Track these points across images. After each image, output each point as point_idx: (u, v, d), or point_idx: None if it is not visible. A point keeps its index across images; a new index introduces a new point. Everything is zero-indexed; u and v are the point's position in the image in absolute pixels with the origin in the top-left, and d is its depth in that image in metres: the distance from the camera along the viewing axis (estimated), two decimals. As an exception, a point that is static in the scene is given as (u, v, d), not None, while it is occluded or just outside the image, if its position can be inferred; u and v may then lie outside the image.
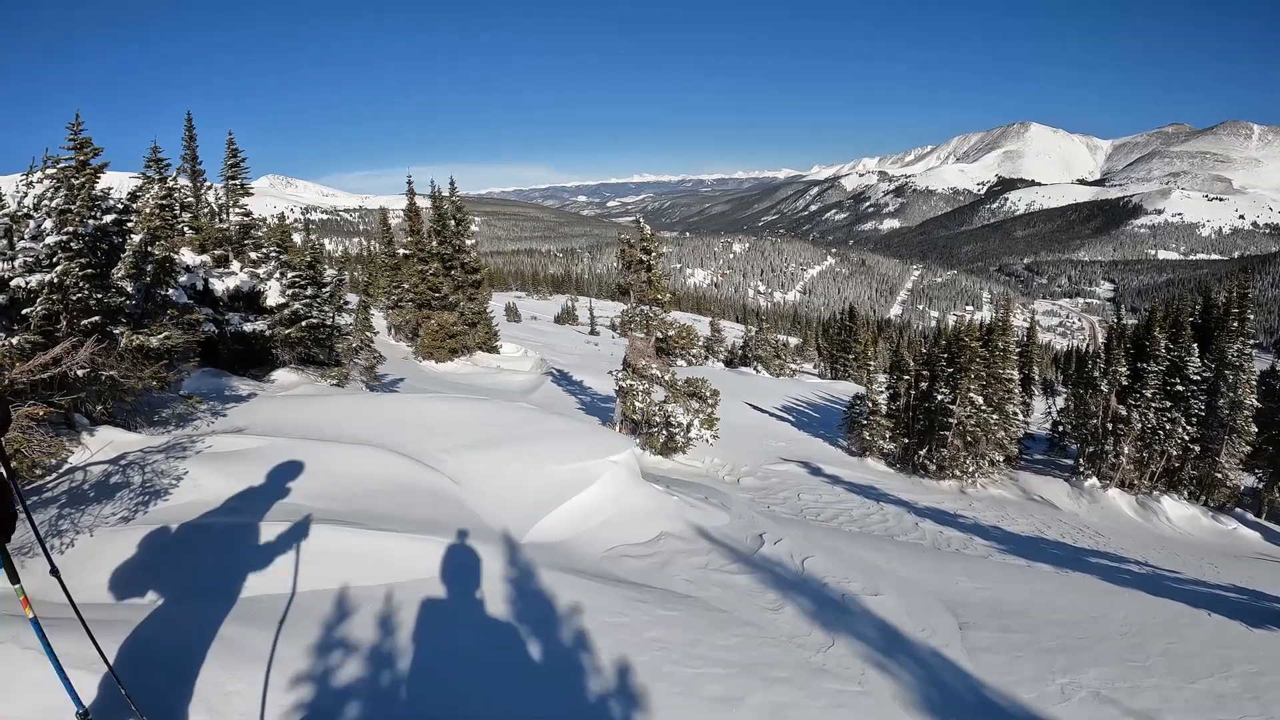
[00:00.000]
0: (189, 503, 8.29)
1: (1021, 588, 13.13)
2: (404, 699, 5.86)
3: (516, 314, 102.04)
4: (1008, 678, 8.52)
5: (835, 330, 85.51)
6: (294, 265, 18.96)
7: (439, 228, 36.57)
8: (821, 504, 21.46)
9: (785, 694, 7.04)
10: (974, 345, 30.22)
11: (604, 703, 6.34)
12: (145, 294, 11.94)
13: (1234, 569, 20.39)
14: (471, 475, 10.69)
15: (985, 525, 22.24)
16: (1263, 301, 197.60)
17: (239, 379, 15.45)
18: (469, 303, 36.96)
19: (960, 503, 26.09)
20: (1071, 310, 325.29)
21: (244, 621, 6.19)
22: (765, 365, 70.63)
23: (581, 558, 9.73)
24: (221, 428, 11.22)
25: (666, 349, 23.40)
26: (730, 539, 12.23)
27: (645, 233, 22.84)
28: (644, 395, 22.51)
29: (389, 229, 44.09)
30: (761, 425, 35.48)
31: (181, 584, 6.70)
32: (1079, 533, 23.68)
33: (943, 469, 29.98)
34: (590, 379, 38.02)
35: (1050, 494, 29.98)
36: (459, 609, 7.33)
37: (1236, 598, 15.75)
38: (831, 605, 9.94)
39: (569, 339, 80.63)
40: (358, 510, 8.62)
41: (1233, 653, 10.42)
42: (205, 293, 16.96)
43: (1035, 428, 43.24)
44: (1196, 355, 29.88)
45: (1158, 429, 29.65)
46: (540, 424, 13.82)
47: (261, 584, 6.91)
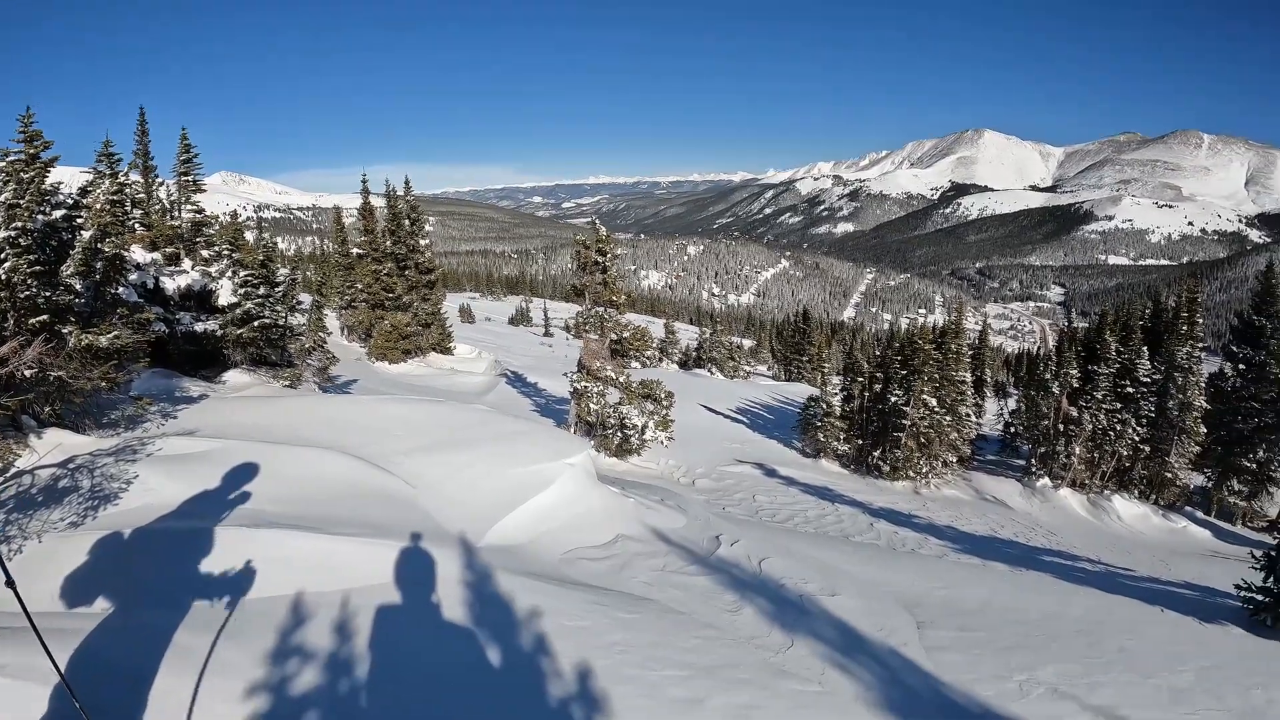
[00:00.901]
0: (140, 507, 8.16)
1: (978, 587, 13.26)
2: (363, 707, 5.80)
3: (471, 315, 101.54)
4: (967, 676, 8.60)
5: (789, 332, 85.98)
6: (246, 264, 18.73)
7: (393, 227, 36.28)
8: (777, 505, 21.59)
9: (747, 695, 7.05)
10: (927, 348, 30.51)
11: (566, 707, 6.31)
12: (95, 292, 11.73)
13: (1185, 566, 20.75)
14: (427, 478, 10.62)
15: (940, 525, 22.48)
16: (1211, 306, 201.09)
17: (190, 380, 15.23)
18: (423, 303, 36.70)
19: (915, 503, 26.32)
20: (1023, 314, 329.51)
21: (197, 629, 6.10)
22: (719, 367, 70.81)
23: (539, 561, 9.71)
24: (172, 430, 11.03)
25: (621, 351, 23.39)
26: (688, 541, 12.28)
27: (601, 234, 22.85)
28: (599, 397, 22.50)
29: (343, 228, 43.64)
30: (716, 427, 35.58)
31: (133, 591, 6.58)
32: (1032, 532, 24.01)
33: (897, 470, 30.22)
34: (545, 381, 37.96)
35: (1003, 494, 30.33)
36: (417, 614, 7.26)
37: (1189, 594, 16.05)
38: (790, 606, 9.99)
39: (523, 340, 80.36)
40: (312, 514, 8.52)
41: (1187, 648, 10.65)
42: (156, 291, 16.70)
43: (988, 429, 43.73)
44: (1146, 358, 30.39)
45: (1108, 430, 30.09)
46: (495, 426, 13.75)
47: (215, 590, 6.80)
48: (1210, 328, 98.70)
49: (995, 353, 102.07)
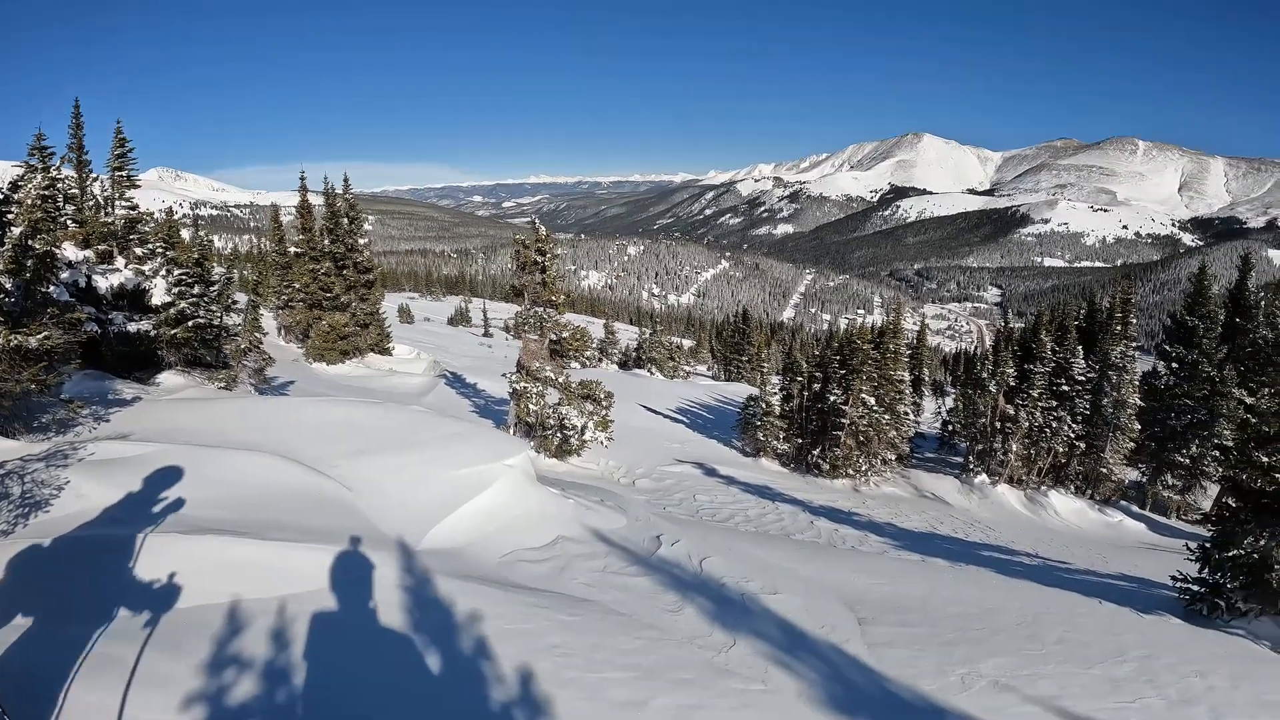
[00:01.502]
0: (71, 514, 8.02)
1: (918, 583, 13.42)
2: (301, 716, 5.76)
3: (410, 315, 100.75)
4: (909, 670, 8.71)
5: (729, 333, 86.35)
6: (181, 262, 18.46)
7: (331, 226, 35.87)
8: (717, 504, 21.70)
9: (690, 696, 7.10)
10: (866, 347, 30.85)
11: (507, 712, 6.30)
12: (24, 291, 11.49)
13: (1122, 559, 21.21)
14: (365, 481, 10.53)
15: (879, 522, 22.75)
16: (1144, 307, 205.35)
17: (123, 382, 14.97)
18: (361, 303, 36.37)
19: (854, 501, 26.60)
20: (960, 314, 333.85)
21: (128, 640, 6.00)
22: (659, 367, 70.96)
23: (479, 563, 9.66)
24: (105, 434, 10.83)
25: (560, 351, 23.38)
26: (628, 541, 12.29)
27: (540, 234, 22.79)
28: (538, 397, 22.46)
29: (280, 226, 43.10)
30: (656, 427, 35.69)
31: (63, 602, 6.45)
32: (971, 528, 24.40)
33: (836, 468, 30.52)
34: (484, 381, 37.82)
35: (942, 491, 30.76)
36: (356, 620, 7.21)
37: (1126, 586, 16.38)
38: (731, 605, 10.05)
39: (463, 341, 79.82)
40: (248, 519, 8.41)
41: (1126, 638, 10.82)
42: (88, 290, 16.40)
43: (926, 427, 44.35)
44: (1081, 357, 31.07)
45: (1045, 427, 30.66)
46: (434, 428, 13.67)
47: (148, 599, 6.68)
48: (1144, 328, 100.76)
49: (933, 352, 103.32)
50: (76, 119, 19.81)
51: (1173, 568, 15.28)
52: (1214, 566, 14.00)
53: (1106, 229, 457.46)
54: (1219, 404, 29.96)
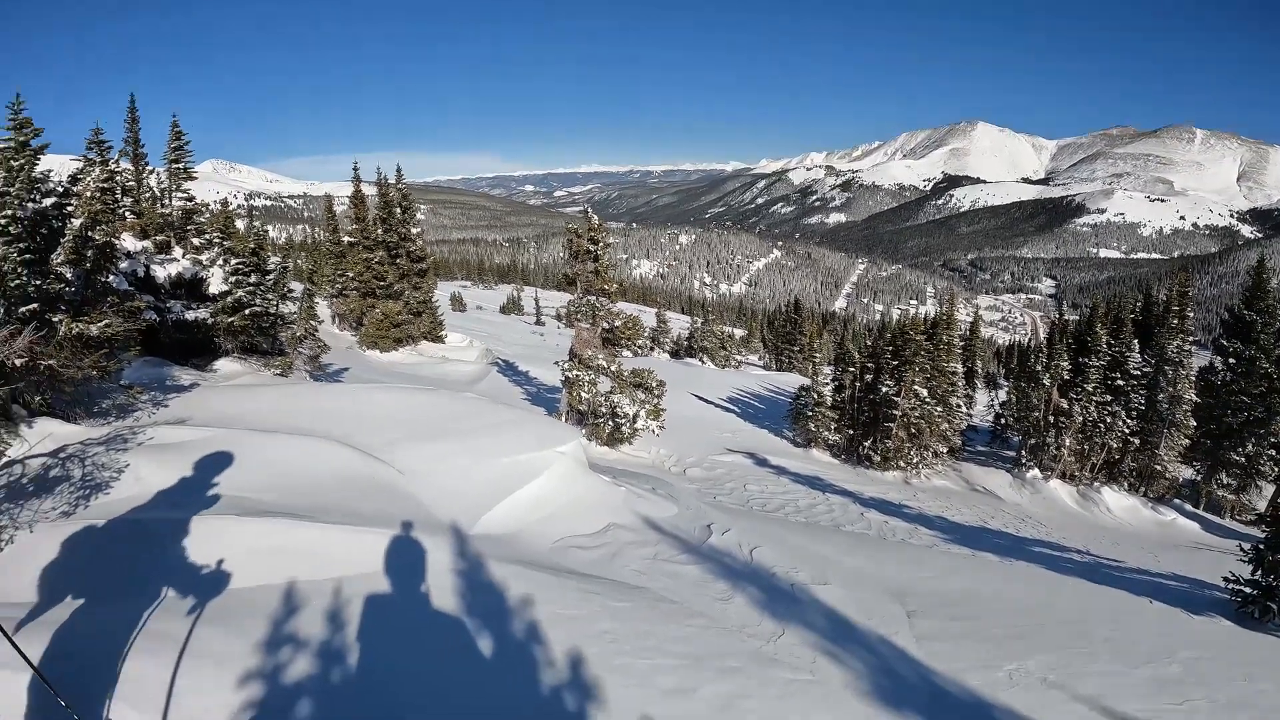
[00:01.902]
0: (131, 496, 8.14)
1: (967, 577, 13.28)
2: (355, 695, 5.81)
3: (462, 303, 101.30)
4: (956, 664, 8.62)
5: (780, 322, 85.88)
6: (237, 252, 18.66)
7: (385, 215, 36.07)
8: (768, 494, 21.57)
9: (737, 684, 7.08)
10: (919, 338, 30.53)
11: (557, 696, 6.33)
12: (85, 280, 11.69)
13: (1174, 558, 20.81)
14: (418, 466, 10.61)
15: (930, 515, 22.48)
16: (1201, 300, 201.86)
17: (181, 368, 15.19)
18: (414, 292, 36.56)
19: (905, 493, 26.34)
20: (1014, 305, 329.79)
21: (186, 618, 6.10)
22: (710, 356, 70.72)
23: (531, 549, 9.70)
24: (163, 419, 10.99)
25: (613, 339, 23.38)
26: (679, 530, 12.27)
27: (593, 223, 22.79)
28: (590, 386, 22.49)
29: (334, 216, 43.36)
30: (707, 416, 35.59)
31: (124, 579, 6.57)
32: (1021, 523, 24.05)
33: (887, 460, 30.27)
34: (536, 369, 37.91)
35: (993, 485, 30.38)
36: (409, 602, 7.26)
37: (1177, 586, 16.11)
38: (781, 595, 10.00)
39: (515, 329, 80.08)
40: (304, 503, 8.51)
41: (1175, 639, 10.66)
42: (146, 279, 16.65)
43: (978, 420, 43.83)
44: (1137, 351, 30.45)
45: (1098, 422, 30.17)
46: (487, 415, 13.74)
47: (205, 579, 6.79)
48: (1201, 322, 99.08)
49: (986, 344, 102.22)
50: (132, 114, 20.13)
51: (1225, 568, 15.02)
52: (1267, 569, 13.75)
53: (1163, 219, 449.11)
54: (1276, 402, 29.31)
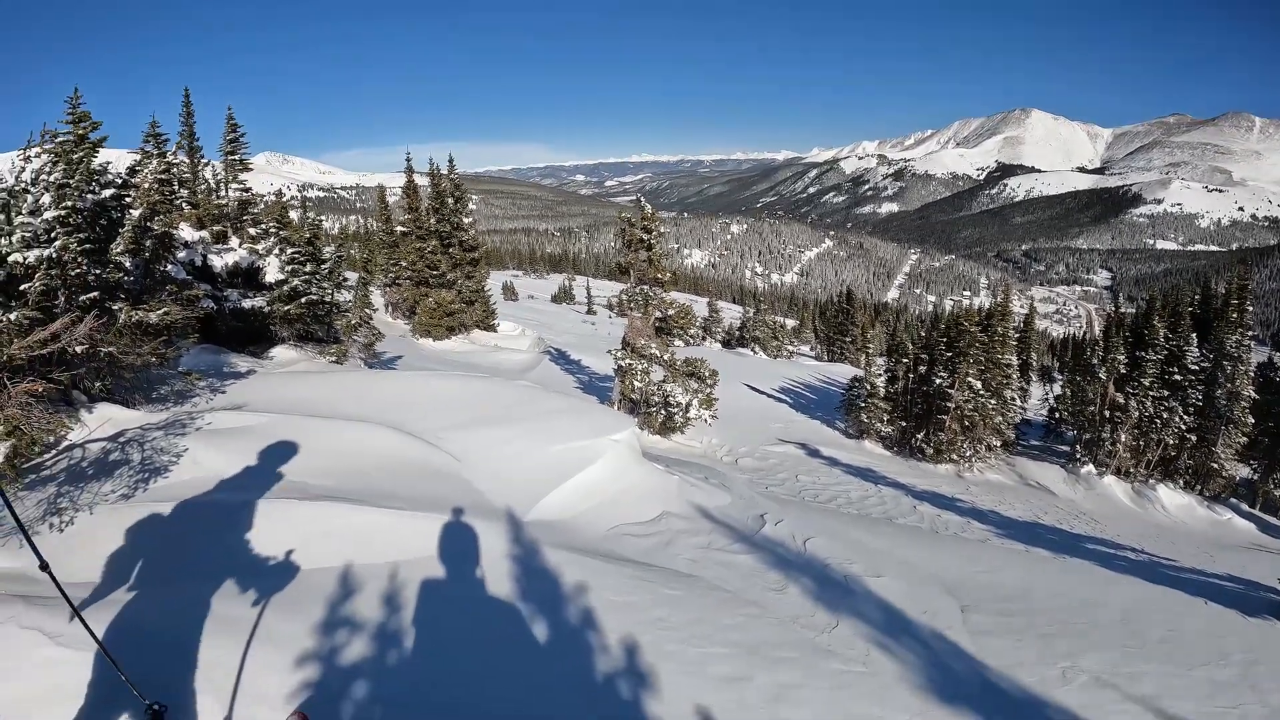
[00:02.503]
0: (189, 480, 8.25)
1: (1020, 572, 13.15)
2: (410, 678, 5.84)
3: (514, 293, 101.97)
4: (1009, 660, 8.55)
5: (832, 313, 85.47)
6: (293, 242, 18.85)
7: (437, 205, 36.31)
8: (820, 485, 21.52)
9: (790, 674, 7.07)
10: (973, 330, 30.23)
11: (611, 682, 6.34)
12: (144, 269, 11.83)
13: (1229, 559, 20.47)
14: (473, 453, 10.66)
15: (983, 509, 22.32)
16: (1261, 294, 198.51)
17: (237, 355, 15.40)
18: (466, 281, 36.79)
19: (957, 487, 26.16)
20: (1069, 298, 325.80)
21: (243, 600, 6.17)
22: (763, 346, 70.61)
23: (584, 536, 9.73)
24: (220, 404, 11.13)
25: (665, 329, 23.39)
26: (731, 519, 12.24)
27: (646, 212, 22.77)
28: (643, 375, 22.52)
29: (387, 206, 43.78)
30: (759, 406, 35.51)
31: (183, 562, 6.67)
32: (1075, 519, 23.79)
33: (940, 453, 30.04)
34: (588, 358, 38.08)
35: (1047, 480, 30.04)
36: (464, 587, 7.31)
37: (1232, 587, 15.84)
38: (834, 586, 9.96)
39: (566, 318, 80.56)
40: (359, 487, 8.58)
41: (1229, 641, 10.48)
42: (204, 269, 16.85)
43: (1032, 414, 43.35)
44: (1195, 345, 29.95)
45: (1155, 418, 29.72)
46: (540, 403, 13.78)
47: (263, 562, 6.87)
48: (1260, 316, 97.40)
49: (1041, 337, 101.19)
50: (187, 107, 20.41)
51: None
52: (1323, 571, 13.51)
53: (1221, 210, 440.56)
54: (1338, 400, 28.72)
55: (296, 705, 5.24)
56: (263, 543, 7.11)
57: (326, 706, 5.33)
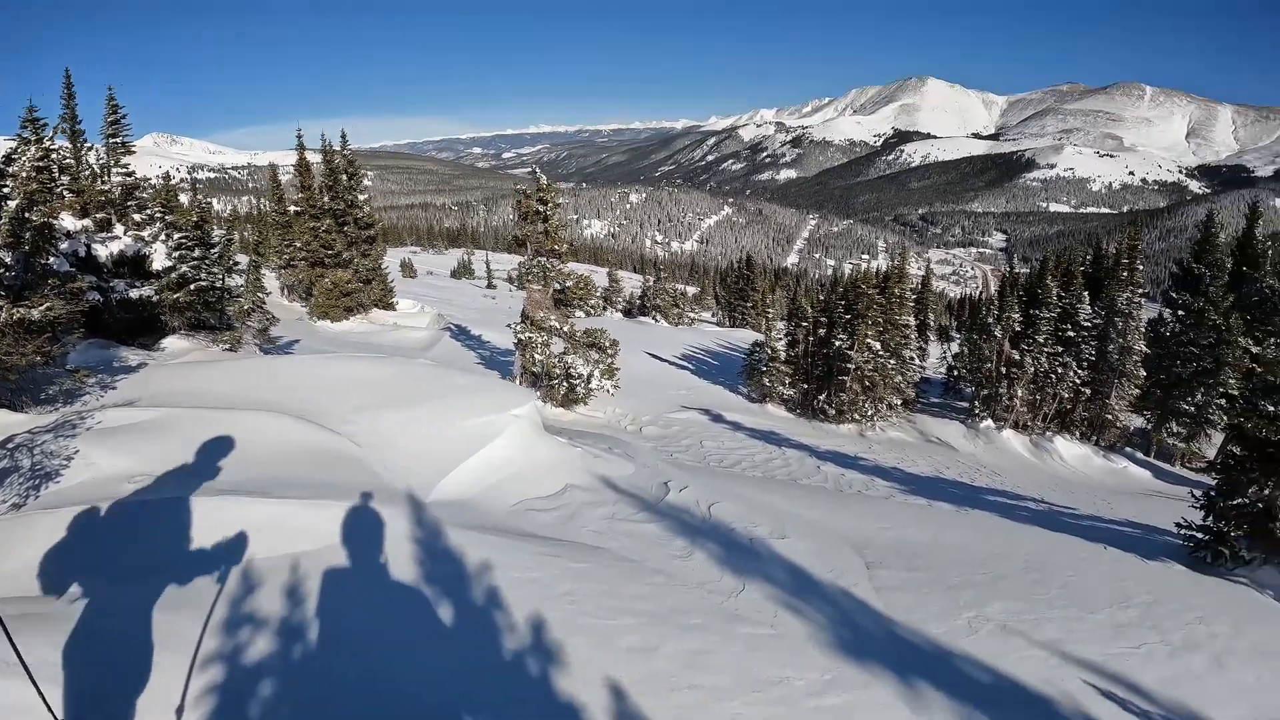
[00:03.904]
0: (82, 483, 8.04)
1: (924, 527, 13.50)
2: (317, 671, 5.81)
3: (412, 270, 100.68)
4: (916, 614, 8.84)
5: (733, 279, 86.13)
6: (180, 226, 18.39)
7: (330, 183, 35.49)
8: (724, 450, 21.79)
9: (700, 640, 7.20)
10: (871, 293, 30.86)
11: (520, 660, 6.39)
12: (24, 263, 11.47)
13: (1126, 505, 21.30)
14: (372, 436, 10.57)
15: (886, 467, 22.83)
16: (1150, 254, 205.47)
17: (128, 349, 14.96)
18: (363, 259, 36.15)
19: (860, 445, 26.70)
20: (965, 259, 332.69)
21: (145, 604, 6.04)
22: (664, 315, 70.87)
23: (488, 514, 9.72)
24: (112, 401, 10.80)
25: (565, 300, 23.40)
26: (636, 488, 12.37)
27: (541, 183, 22.68)
28: (543, 347, 22.52)
29: (279, 186, 42.74)
30: (662, 374, 35.73)
31: (75, 569, 6.49)
32: (976, 472, 24.49)
33: (842, 413, 30.64)
34: (489, 333, 37.83)
35: (947, 435, 30.87)
36: (368, 574, 7.27)
37: (1131, 532, 16.53)
38: (740, 550, 10.16)
39: (467, 293, 79.66)
40: (257, 478, 8.45)
41: (1130, 584, 10.98)
42: (88, 259, 16.34)
43: (931, 372, 44.45)
44: (1087, 303, 31.13)
45: (1050, 372, 30.75)
46: (440, 380, 13.69)
47: (162, 563, 6.72)
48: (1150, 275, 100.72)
49: (938, 297, 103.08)
50: (68, 89, 19.69)
51: (1177, 515, 15.45)
52: (1218, 514, 14.15)
53: (1113, 175, 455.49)
54: (1225, 352, 30.00)
55: (204, 708, 5.19)
56: (160, 544, 6.98)
57: (233, 708, 5.29)
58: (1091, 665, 8.18)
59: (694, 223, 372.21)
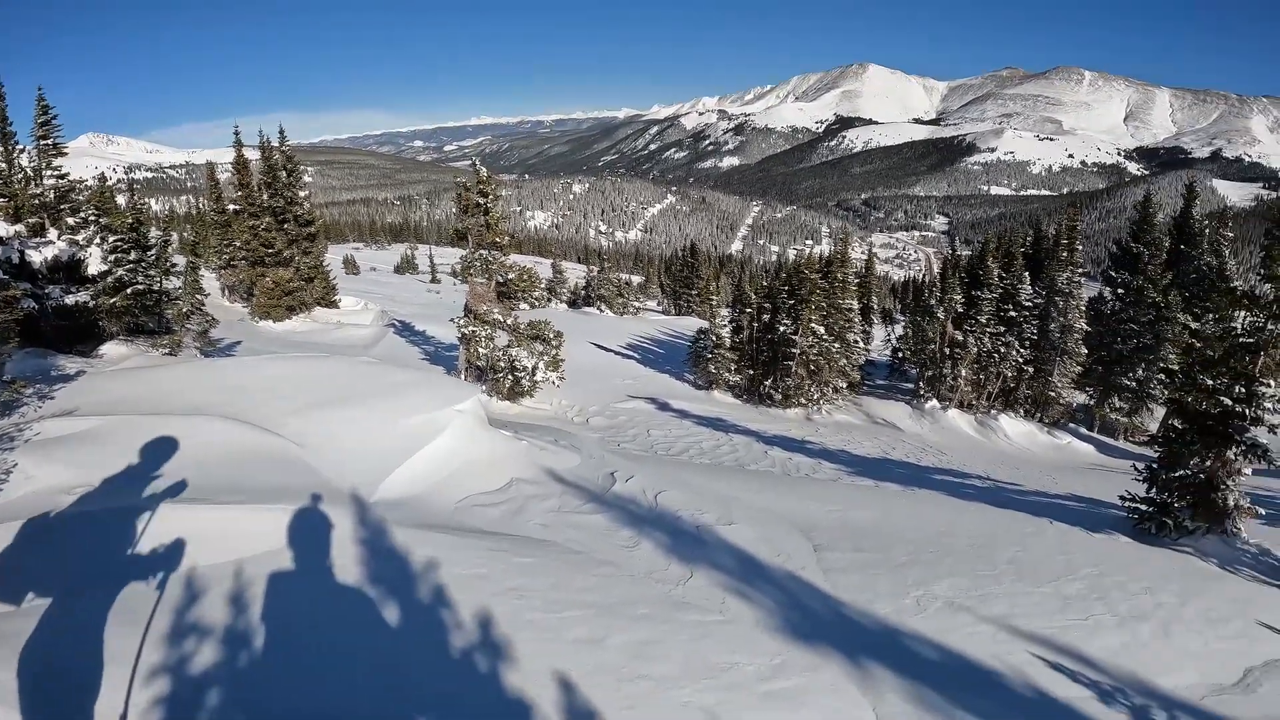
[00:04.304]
0: (20, 496, 7.97)
1: (871, 508, 13.76)
2: (263, 679, 5.78)
3: (355, 266, 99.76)
4: (864, 595, 9.02)
5: (678, 267, 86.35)
6: (116, 229, 18.18)
7: (269, 180, 35.01)
8: (671, 438, 21.92)
9: (648, 630, 7.28)
10: (814, 277, 31.11)
11: (468, 657, 6.41)
12: (-46, 272, 11.32)
13: (1071, 480, 21.76)
14: (315, 436, 10.56)
15: (832, 450, 23.06)
16: (1090, 234, 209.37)
17: (65, 357, 14.80)
18: (304, 257, 35.75)
19: (807, 429, 26.95)
20: (908, 243, 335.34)
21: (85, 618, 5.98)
22: (609, 304, 70.84)
23: (434, 511, 9.76)
24: (50, 411, 10.66)
25: (508, 293, 23.38)
26: (582, 480, 12.47)
27: (482, 175, 22.64)
28: (487, 341, 22.50)
29: (217, 184, 42.13)
30: (607, 364, 35.82)
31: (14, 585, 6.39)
32: (923, 452, 24.85)
33: (788, 398, 30.89)
34: (433, 328, 37.57)
35: (893, 417, 31.29)
36: (312, 578, 7.25)
37: (1076, 506, 16.91)
38: (687, 538, 10.28)
39: (410, 289, 79.17)
40: (199, 484, 8.37)
41: (1076, 557, 11.28)
42: (22, 265, 16.09)
43: (876, 355, 44.94)
44: (1028, 283, 31.75)
45: (993, 352, 31.27)
46: (383, 378, 13.68)
47: (102, 575, 6.63)
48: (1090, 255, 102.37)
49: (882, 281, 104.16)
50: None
51: (1121, 488, 15.78)
52: (1161, 486, 14.53)
53: (1053, 158, 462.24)
54: (1164, 329, 30.84)
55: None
56: (102, 555, 6.91)
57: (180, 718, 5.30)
58: (1039, 638, 8.38)
59: (638, 212, 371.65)
